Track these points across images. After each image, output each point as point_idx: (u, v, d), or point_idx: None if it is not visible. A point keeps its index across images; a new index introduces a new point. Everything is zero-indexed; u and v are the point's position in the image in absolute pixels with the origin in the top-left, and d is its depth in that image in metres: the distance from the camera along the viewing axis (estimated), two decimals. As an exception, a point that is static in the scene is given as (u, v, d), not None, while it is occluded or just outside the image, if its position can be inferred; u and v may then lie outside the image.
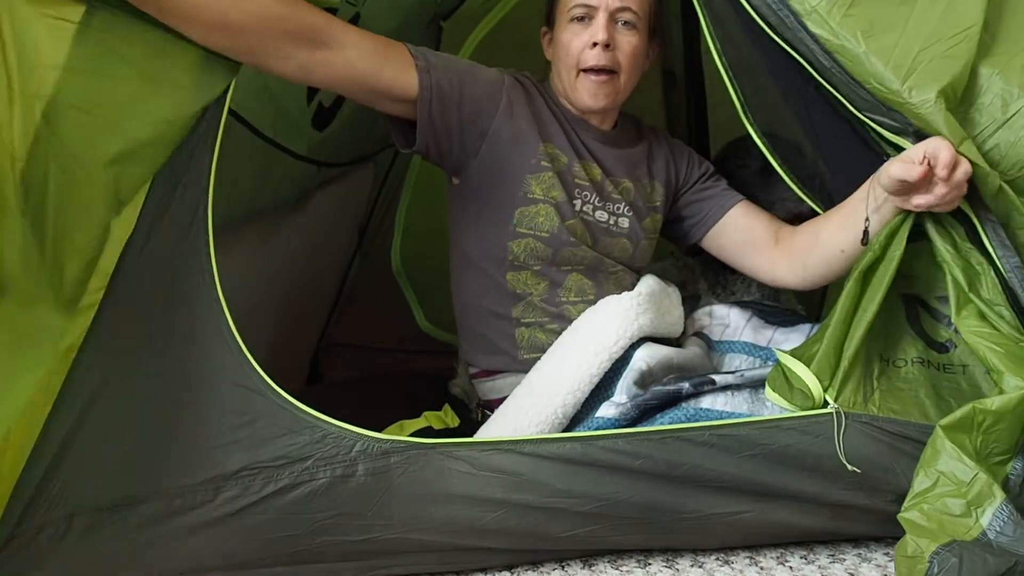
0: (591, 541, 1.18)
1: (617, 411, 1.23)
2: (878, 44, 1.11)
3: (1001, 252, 1.11)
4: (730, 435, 1.15)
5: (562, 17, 1.39)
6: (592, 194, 1.40)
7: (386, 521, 1.12)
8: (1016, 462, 1.07)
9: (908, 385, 1.17)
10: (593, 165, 1.41)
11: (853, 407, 1.15)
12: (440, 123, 1.28)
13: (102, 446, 1.06)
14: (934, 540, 1.01)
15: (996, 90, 1.09)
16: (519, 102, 1.36)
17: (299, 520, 1.10)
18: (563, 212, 1.36)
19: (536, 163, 1.35)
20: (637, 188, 1.45)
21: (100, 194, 1.02)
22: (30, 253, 0.97)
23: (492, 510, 1.13)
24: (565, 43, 1.37)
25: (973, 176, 1.09)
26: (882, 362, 1.18)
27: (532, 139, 1.35)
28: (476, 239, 1.40)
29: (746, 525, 1.18)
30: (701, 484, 1.16)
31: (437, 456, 1.13)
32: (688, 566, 1.19)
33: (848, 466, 1.12)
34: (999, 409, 1.06)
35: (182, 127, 1.07)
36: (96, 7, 1.00)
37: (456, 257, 1.45)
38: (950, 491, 1.05)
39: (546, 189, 1.35)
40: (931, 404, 1.14)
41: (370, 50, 1.22)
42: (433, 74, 1.26)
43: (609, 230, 1.41)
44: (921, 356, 1.18)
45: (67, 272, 1.01)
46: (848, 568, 1.17)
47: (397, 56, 1.25)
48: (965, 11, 1.12)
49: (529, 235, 1.35)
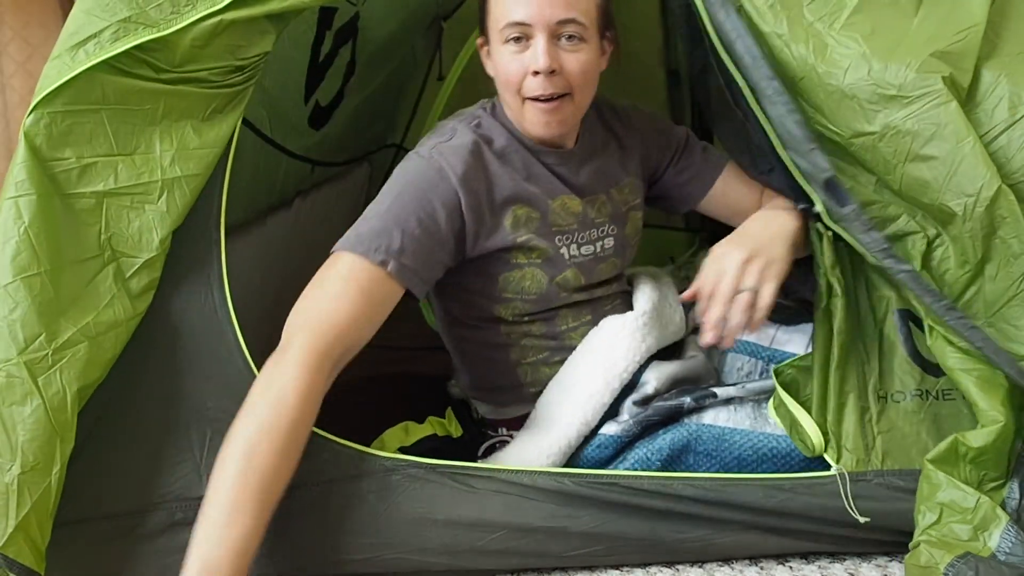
0: (593, 558, 1.17)
1: (619, 428, 1.22)
2: (879, 44, 1.08)
3: (929, 299, 1.09)
4: (731, 486, 1.14)
5: (495, 35, 1.22)
6: (576, 232, 1.30)
7: (387, 540, 1.10)
8: (1011, 485, 1.07)
9: (910, 425, 1.15)
10: (571, 197, 1.29)
11: (856, 466, 1.13)
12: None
13: (110, 455, 1.05)
14: (949, 552, 1.01)
15: (1002, 92, 1.06)
16: (477, 189, 1.21)
17: (300, 538, 1.09)
18: (550, 269, 1.27)
19: (513, 237, 1.24)
20: (615, 197, 1.35)
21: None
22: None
23: (493, 531, 1.12)
24: (503, 67, 1.21)
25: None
26: (880, 401, 1.15)
27: (501, 215, 1.23)
28: (461, 306, 1.33)
29: (749, 548, 1.17)
30: (702, 519, 1.15)
31: (439, 476, 1.12)
32: (688, 566, 1.18)
33: (860, 519, 1.11)
34: (981, 446, 1.05)
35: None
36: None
37: (442, 313, 1.38)
38: (956, 519, 1.05)
39: (528, 253, 1.26)
40: (933, 444, 1.11)
41: (374, 321, 1.14)
42: (421, 275, 1.16)
43: (597, 257, 1.33)
44: (919, 388, 1.15)
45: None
46: (848, 568, 1.16)
47: (388, 294, 1.14)
48: (969, 11, 1.09)
49: (516, 299, 1.28)
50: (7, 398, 0.98)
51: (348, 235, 1.15)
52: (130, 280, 1.05)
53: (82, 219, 1.03)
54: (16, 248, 0.99)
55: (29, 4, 2.34)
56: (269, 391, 1.01)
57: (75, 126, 1.03)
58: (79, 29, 1.03)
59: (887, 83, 1.06)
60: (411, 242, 1.14)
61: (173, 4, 1.05)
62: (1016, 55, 1.07)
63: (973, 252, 1.05)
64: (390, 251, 1.13)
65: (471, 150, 1.22)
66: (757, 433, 1.20)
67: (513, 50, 1.19)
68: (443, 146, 1.22)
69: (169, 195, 1.07)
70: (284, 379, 1.02)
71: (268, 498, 0.98)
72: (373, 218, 1.16)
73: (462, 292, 1.31)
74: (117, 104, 1.05)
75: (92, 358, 1.01)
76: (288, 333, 1.07)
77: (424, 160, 1.21)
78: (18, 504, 0.97)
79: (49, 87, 1.02)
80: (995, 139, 1.05)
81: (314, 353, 1.04)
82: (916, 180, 1.06)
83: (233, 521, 0.95)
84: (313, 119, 1.56)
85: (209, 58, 1.07)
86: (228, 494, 0.96)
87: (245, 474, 0.97)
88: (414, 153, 1.24)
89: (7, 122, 2.38)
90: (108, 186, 1.05)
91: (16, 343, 0.98)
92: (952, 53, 1.06)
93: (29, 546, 0.99)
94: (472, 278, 1.27)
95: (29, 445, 0.98)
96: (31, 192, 1.00)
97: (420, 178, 1.19)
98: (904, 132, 1.05)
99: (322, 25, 1.40)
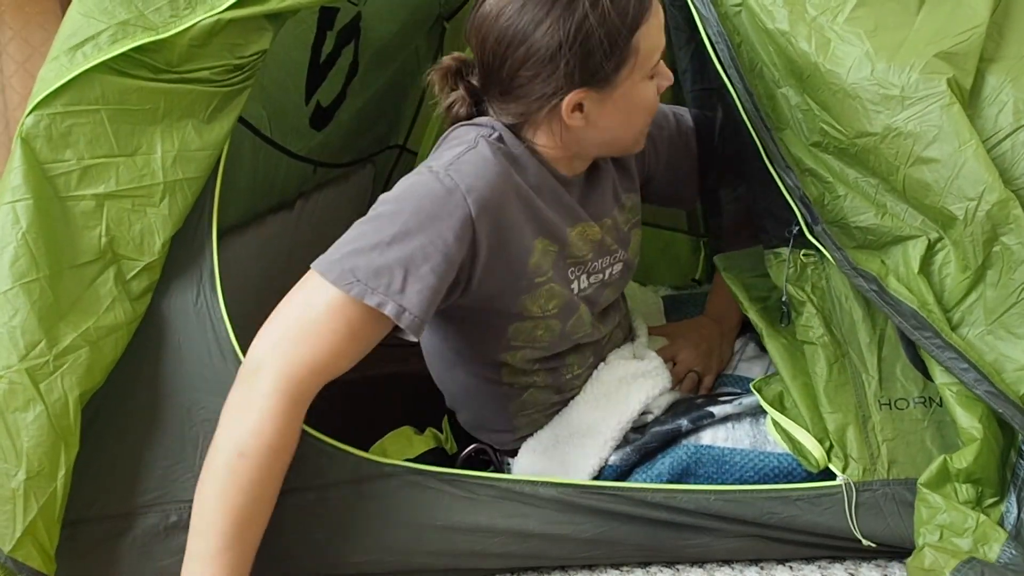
0: (593, 560, 1.17)
1: (618, 458, 1.20)
2: (882, 42, 1.06)
3: (897, 321, 1.08)
4: (734, 500, 1.13)
5: (641, 72, 1.09)
6: (589, 262, 1.20)
7: (385, 545, 1.10)
8: (1008, 501, 1.05)
9: (915, 433, 1.13)
10: (589, 225, 1.19)
11: (863, 475, 1.11)
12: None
13: (104, 456, 1.05)
14: (954, 557, 1.00)
15: (1007, 97, 1.04)
16: (499, 217, 1.07)
17: (296, 541, 1.08)
18: (565, 315, 1.17)
19: (528, 283, 1.12)
20: (618, 217, 1.26)
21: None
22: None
23: (492, 536, 1.12)
24: (650, 100, 1.12)
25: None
26: (883, 408, 1.14)
27: (525, 252, 1.11)
28: (464, 347, 1.21)
29: (751, 552, 1.17)
30: (704, 529, 1.14)
31: (438, 482, 1.12)
32: (689, 566, 1.17)
33: (864, 541, 1.11)
34: (968, 465, 1.03)
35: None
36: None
37: (437, 353, 1.26)
38: (957, 536, 1.04)
39: (543, 304, 1.14)
40: (937, 452, 1.10)
41: (358, 357, 1.04)
42: (420, 317, 1.01)
43: (603, 284, 1.24)
44: (922, 395, 1.14)
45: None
46: (848, 568, 1.16)
47: (380, 332, 1.04)
48: (973, 9, 1.08)
49: (526, 347, 1.17)
50: (10, 405, 0.98)
51: (340, 261, 1.00)
52: (130, 283, 1.04)
53: (82, 222, 1.03)
54: (14, 254, 0.99)
55: (29, 4, 2.32)
56: (243, 422, 0.97)
57: (75, 127, 1.02)
58: (76, 31, 1.03)
59: (890, 83, 1.05)
60: (415, 281, 1.00)
61: (172, 7, 1.04)
62: (1022, 58, 1.06)
63: (974, 257, 1.04)
64: (390, 291, 0.99)
65: (498, 171, 1.06)
66: (758, 452, 1.19)
67: (649, 82, 1.12)
68: (461, 163, 1.05)
69: (171, 197, 1.06)
70: (260, 411, 0.96)
71: (256, 523, 0.98)
72: (372, 250, 1.00)
73: (466, 337, 1.20)
74: (117, 104, 1.04)
75: (93, 363, 1.01)
76: (259, 353, 0.98)
77: (437, 180, 1.04)
78: (25, 509, 0.98)
79: (47, 89, 1.01)
80: (999, 144, 1.04)
81: (291, 387, 0.97)
82: (918, 182, 1.05)
83: (220, 554, 0.95)
84: (314, 120, 1.55)
85: (208, 57, 1.06)
86: (214, 528, 0.95)
87: (227, 505, 0.95)
88: (425, 168, 1.06)
89: (7, 122, 2.38)
90: (109, 188, 1.04)
91: (17, 350, 0.98)
92: (956, 54, 1.05)
93: (37, 549, 0.99)
94: (479, 326, 1.17)
95: (34, 451, 0.98)
96: (28, 196, 1.00)
97: (432, 202, 1.02)
98: (906, 134, 1.04)
99: (323, 25, 1.40)
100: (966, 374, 1.02)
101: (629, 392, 1.23)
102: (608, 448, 1.19)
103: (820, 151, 1.13)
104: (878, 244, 1.12)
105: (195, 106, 1.08)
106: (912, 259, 1.08)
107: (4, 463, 0.98)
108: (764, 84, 1.15)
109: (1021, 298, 1.03)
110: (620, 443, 1.20)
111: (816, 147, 1.13)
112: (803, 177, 1.14)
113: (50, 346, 0.99)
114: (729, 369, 1.38)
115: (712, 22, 1.12)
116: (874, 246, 1.12)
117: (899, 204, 1.10)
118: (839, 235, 1.13)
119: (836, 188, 1.12)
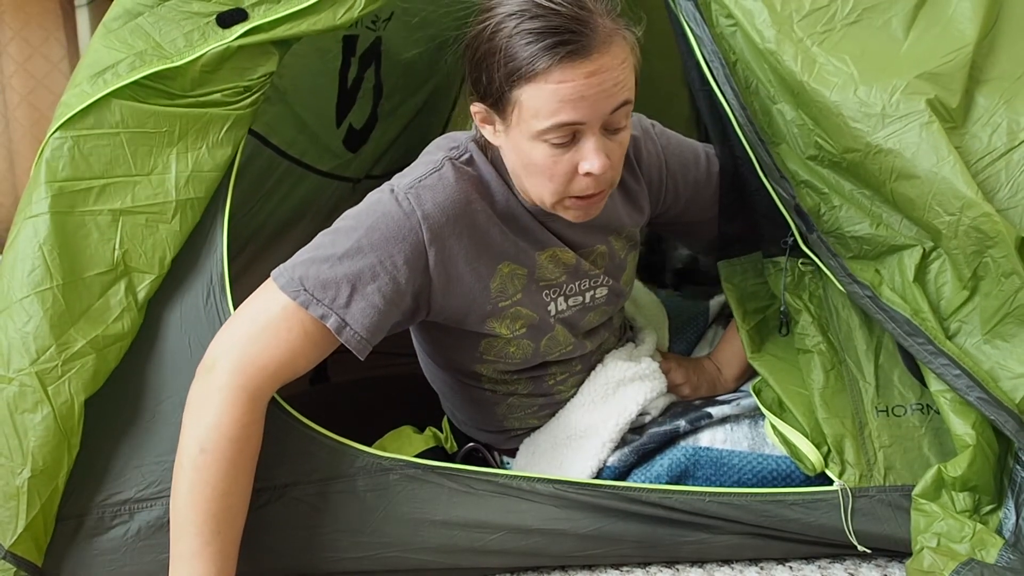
0: (592, 559, 1.18)
1: (616, 459, 1.21)
2: (867, 65, 1.08)
3: (890, 328, 1.08)
4: (731, 503, 1.14)
5: (524, 127, 1.01)
6: (564, 285, 1.18)
7: (384, 539, 1.12)
8: (1005, 508, 1.05)
9: (912, 439, 1.13)
10: (563, 249, 1.16)
11: (859, 481, 1.12)
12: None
13: (102, 451, 1.09)
14: (952, 559, 1.00)
15: (1000, 119, 1.06)
16: (454, 246, 1.07)
17: (296, 536, 1.11)
18: (537, 335, 1.18)
19: (493, 307, 1.13)
20: (613, 245, 1.23)
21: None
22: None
23: (491, 532, 1.14)
24: (542, 165, 1.03)
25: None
26: (879, 415, 1.14)
27: (486, 277, 1.11)
28: (443, 359, 1.25)
29: (749, 550, 1.18)
30: (701, 526, 1.15)
31: (436, 477, 1.14)
32: (688, 566, 1.18)
33: (859, 547, 1.11)
34: (963, 473, 1.03)
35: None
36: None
37: (424, 357, 1.30)
38: (954, 543, 1.04)
39: (510, 325, 1.15)
40: (934, 459, 1.11)
41: (316, 359, 1.07)
42: (363, 336, 1.05)
43: (585, 307, 1.22)
44: (920, 401, 1.14)
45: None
46: (848, 568, 1.16)
47: (331, 342, 1.06)
48: (960, 32, 1.09)
49: (499, 361, 1.19)
50: (19, 406, 1.05)
51: (293, 269, 1.04)
52: (139, 294, 1.10)
53: (98, 235, 1.09)
54: (31, 265, 1.06)
55: (29, 4, 2.34)
56: (201, 418, 1.00)
57: (96, 148, 1.10)
58: (97, 60, 1.11)
59: (872, 103, 1.07)
60: (359, 299, 1.03)
61: (187, 39, 1.12)
62: (1016, 79, 1.07)
63: (967, 267, 1.05)
64: (335, 305, 1.02)
65: (457, 198, 1.07)
66: (756, 455, 1.19)
67: (557, 152, 1.02)
68: (423, 187, 1.06)
69: (182, 215, 1.13)
70: (216, 404, 1.00)
71: (231, 516, 1.01)
72: (323, 262, 1.03)
73: (443, 348, 1.23)
74: (136, 127, 1.11)
75: (98, 369, 1.07)
76: (216, 351, 1.03)
77: (396, 203, 1.05)
78: (28, 506, 1.04)
79: (69, 113, 1.09)
80: (992, 163, 1.05)
81: (245, 381, 1.01)
82: (903, 197, 1.07)
83: (201, 551, 0.98)
84: (348, 141, 1.61)
85: (219, 81, 1.13)
86: (190, 526, 0.99)
87: (198, 501, 0.98)
88: (388, 187, 1.08)
89: (7, 122, 2.38)
90: (125, 204, 1.11)
91: (28, 354, 1.05)
92: (940, 74, 1.07)
93: (34, 543, 1.05)
94: (452, 339, 1.18)
95: (39, 450, 1.04)
96: (46, 212, 1.07)
97: (387, 224, 1.04)
98: (886, 151, 1.06)
99: (347, 52, 1.46)
100: (958, 380, 1.03)
101: (626, 394, 1.24)
102: (607, 450, 1.21)
103: (816, 164, 1.15)
104: (874, 254, 1.13)
105: (209, 128, 1.14)
106: (907, 268, 1.10)
107: (10, 461, 1.04)
108: (760, 100, 1.17)
109: (1013, 308, 1.04)
110: (618, 444, 1.22)
111: (812, 160, 1.15)
112: (800, 188, 1.16)
113: (60, 351, 1.05)
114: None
115: (706, 41, 1.15)
116: (870, 256, 1.13)
117: (893, 215, 1.11)
118: (835, 244, 1.14)
119: (832, 199, 1.14)
